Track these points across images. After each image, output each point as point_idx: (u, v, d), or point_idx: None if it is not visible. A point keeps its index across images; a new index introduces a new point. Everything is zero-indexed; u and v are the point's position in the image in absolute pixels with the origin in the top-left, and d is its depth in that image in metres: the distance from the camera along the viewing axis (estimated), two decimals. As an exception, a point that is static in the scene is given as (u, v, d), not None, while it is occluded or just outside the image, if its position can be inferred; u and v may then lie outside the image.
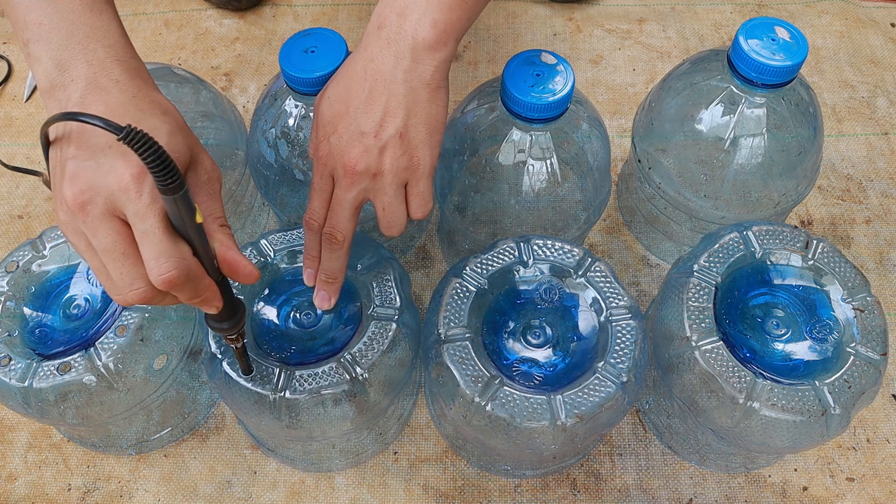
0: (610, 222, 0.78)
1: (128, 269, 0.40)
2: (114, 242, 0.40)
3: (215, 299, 0.44)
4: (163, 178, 0.36)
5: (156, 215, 0.39)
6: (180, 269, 0.40)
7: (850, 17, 0.92)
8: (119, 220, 0.40)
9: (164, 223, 0.40)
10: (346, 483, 0.64)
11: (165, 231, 0.40)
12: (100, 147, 0.40)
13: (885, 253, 0.75)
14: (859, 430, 0.66)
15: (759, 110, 0.60)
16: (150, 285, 0.41)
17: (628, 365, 0.52)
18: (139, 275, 0.41)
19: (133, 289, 0.41)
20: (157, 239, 0.39)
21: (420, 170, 0.50)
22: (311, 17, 0.94)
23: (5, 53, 0.91)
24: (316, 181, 0.51)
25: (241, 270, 0.44)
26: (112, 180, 0.39)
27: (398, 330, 0.54)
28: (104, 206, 0.40)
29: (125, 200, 0.39)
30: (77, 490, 0.64)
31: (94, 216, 0.40)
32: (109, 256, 0.40)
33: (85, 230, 0.41)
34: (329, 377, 0.52)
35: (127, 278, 0.41)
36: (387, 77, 0.47)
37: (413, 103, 0.48)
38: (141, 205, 0.39)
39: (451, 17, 0.47)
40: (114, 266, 0.41)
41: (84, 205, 0.40)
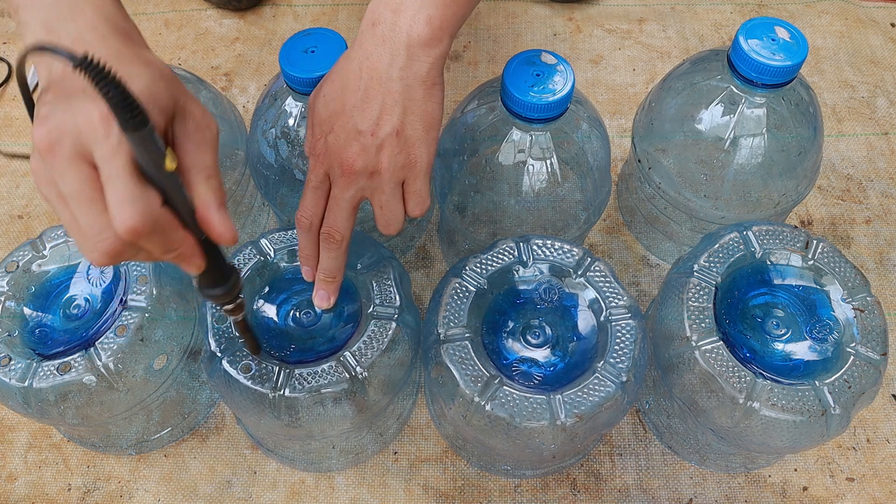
0: (610, 222, 0.78)
1: (95, 216, 0.37)
2: (80, 187, 0.37)
3: (195, 256, 0.41)
4: (122, 111, 0.34)
5: (122, 157, 0.36)
6: (144, 215, 0.37)
7: (850, 17, 0.92)
8: (87, 164, 0.37)
9: (130, 166, 0.37)
10: (346, 483, 0.64)
11: (131, 175, 0.37)
12: (74, 91, 0.38)
13: (885, 253, 0.75)
14: (859, 430, 0.66)
15: (759, 110, 0.60)
16: (117, 236, 0.38)
17: (628, 365, 0.52)
18: (107, 224, 0.37)
19: (101, 239, 0.38)
20: (122, 183, 0.36)
21: (417, 167, 0.50)
22: (311, 17, 0.94)
23: (6, 55, 0.91)
24: (311, 179, 0.51)
25: (213, 228, 0.40)
26: (81, 120, 0.37)
27: (398, 329, 0.54)
28: (72, 148, 0.37)
29: (92, 141, 0.37)
30: (77, 490, 0.64)
31: (61, 158, 0.37)
32: (77, 202, 0.37)
33: (54, 174, 0.38)
34: (329, 376, 0.52)
35: (95, 227, 0.37)
36: (382, 75, 0.47)
37: (409, 101, 0.48)
38: (107, 146, 0.36)
39: (445, 13, 0.47)
40: (81, 214, 0.38)
41: (52, 146, 0.37)
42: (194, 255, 0.41)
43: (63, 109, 0.38)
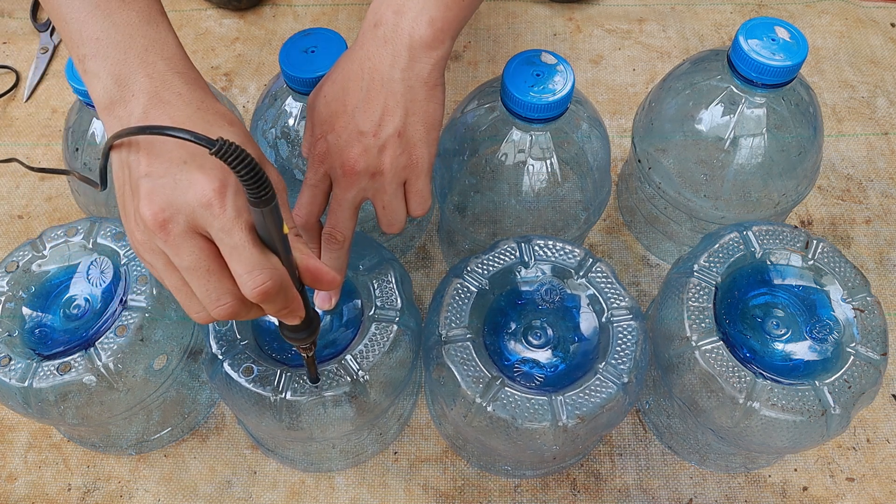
0: (610, 222, 0.78)
1: (213, 285, 0.40)
2: (198, 259, 0.39)
3: (300, 310, 0.43)
4: (256, 190, 0.35)
5: (243, 229, 0.38)
6: (275, 280, 0.39)
7: (850, 17, 0.92)
8: (201, 237, 0.39)
9: (252, 236, 0.39)
10: (346, 483, 0.64)
11: (255, 244, 0.39)
12: (174, 162, 0.39)
13: (885, 253, 0.75)
14: (859, 430, 0.66)
15: (759, 110, 0.60)
16: (237, 299, 0.40)
17: (629, 366, 0.52)
18: (226, 290, 0.40)
19: (220, 304, 0.40)
20: (249, 252, 0.38)
21: (419, 167, 0.50)
22: (311, 17, 0.94)
23: (13, 64, 0.90)
24: (310, 178, 0.51)
25: (324, 278, 0.43)
26: (192, 197, 0.38)
27: (399, 331, 0.54)
28: (186, 224, 0.39)
29: (209, 216, 0.38)
30: (77, 490, 0.64)
31: (175, 234, 0.39)
32: (193, 274, 0.40)
33: (166, 249, 0.39)
34: (330, 378, 0.52)
35: (213, 294, 0.40)
36: (384, 76, 0.47)
37: (411, 102, 0.48)
38: (226, 219, 0.38)
39: (447, 14, 0.47)
40: (199, 283, 0.40)
41: (164, 223, 0.38)
42: (300, 307, 0.43)
43: (169, 186, 0.39)
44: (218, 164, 0.39)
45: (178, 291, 0.42)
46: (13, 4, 0.95)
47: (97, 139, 0.60)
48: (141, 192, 0.39)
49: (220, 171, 0.39)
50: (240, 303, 0.40)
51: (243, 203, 0.39)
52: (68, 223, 0.59)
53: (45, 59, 0.89)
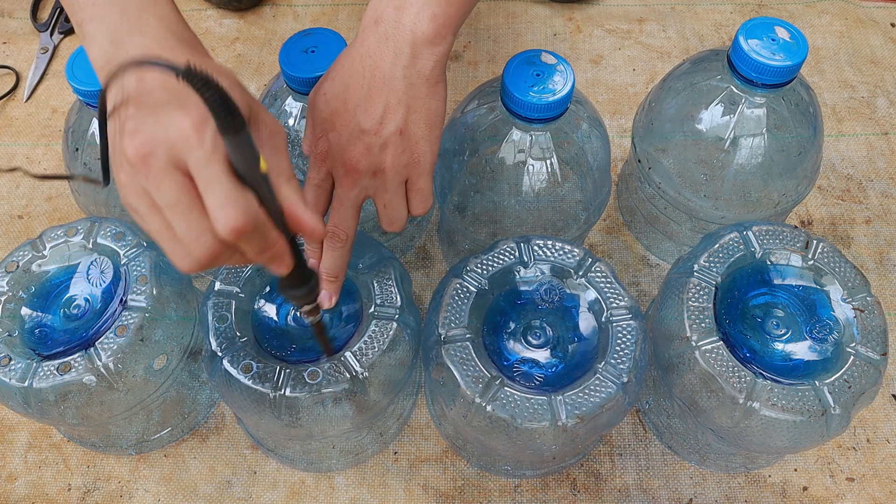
0: (610, 222, 0.78)
1: (194, 222, 0.38)
2: (178, 195, 0.38)
3: (285, 256, 0.42)
4: (223, 115, 0.35)
5: (219, 162, 0.38)
6: (247, 215, 0.38)
7: (850, 17, 0.92)
8: (182, 173, 0.38)
9: (228, 170, 0.38)
10: (346, 483, 0.64)
11: (230, 178, 0.38)
12: (158, 103, 0.39)
13: (885, 253, 0.75)
14: (859, 430, 0.66)
15: (759, 110, 0.60)
16: (216, 239, 0.39)
17: (629, 366, 0.52)
18: (206, 228, 0.38)
19: (200, 243, 0.39)
20: (223, 186, 0.38)
21: (421, 165, 0.50)
22: (311, 17, 0.94)
23: (13, 64, 0.90)
24: (312, 177, 0.51)
25: (305, 225, 0.42)
26: (172, 131, 0.38)
27: (399, 329, 0.54)
28: (166, 158, 0.38)
29: (187, 149, 0.38)
30: (77, 490, 0.64)
31: (156, 169, 0.38)
32: (174, 210, 0.38)
33: (147, 186, 0.39)
34: (329, 376, 0.52)
35: (194, 232, 0.39)
36: (386, 73, 0.47)
37: (413, 99, 0.48)
38: (203, 152, 0.37)
39: (449, 10, 0.47)
40: (179, 221, 0.39)
41: (146, 157, 0.38)
42: (285, 254, 0.41)
43: (151, 122, 0.38)
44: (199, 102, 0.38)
45: (161, 236, 0.40)
46: (13, 4, 0.95)
47: (97, 139, 0.60)
48: (125, 132, 0.39)
49: (201, 108, 0.38)
50: (218, 242, 0.39)
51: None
52: (68, 223, 0.59)
53: (45, 59, 0.89)
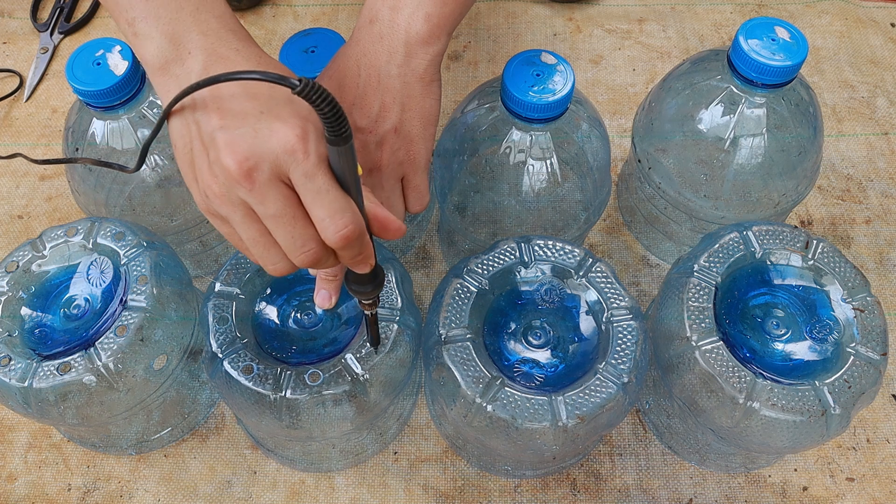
0: (610, 222, 0.78)
1: (299, 231, 0.40)
2: (284, 206, 0.39)
3: (372, 256, 0.43)
4: (336, 126, 0.35)
5: (325, 173, 0.39)
6: (356, 223, 0.39)
7: (850, 17, 0.92)
8: (285, 185, 0.39)
9: (333, 180, 0.39)
10: (346, 483, 0.64)
11: (337, 188, 0.39)
12: (250, 114, 0.39)
13: (885, 253, 0.75)
14: (859, 430, 0.66)
15: (759, 110, 0.60)
16: (320, 245, 0.40)
17: (629, 366, 0.52)
18: (310, 236, 0.40)
19: (304, 250, 0.40)
20: (332, 196, 0.39)
21: (416, 163, 0.50)
22: (311, 17, 0.94)
23: (13, 64, 0.90)
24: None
25: (391, 226, 0.43)
26: (275, 144, 0.38)
27: (399, 330, 0.54)
28: (270, 172, 0.38)
29: (292, 162, 0.38)
30: (77, 490, 0.64)
31: (260, 182, 0.38)
32: (279, 221, 0.39)
33: (250, 198, 0.39)
34: (330, 377, 0.52)
35: (299, 241, 0.40)
36: (381, 72, 0.47)
37: (407, 98, 0.48)
38: (310, 164, 0.38)
39: (443, 10, 0.47)
40: (284, 231, 0.40)
41: (250, 172, 0.38)
42: (372, 255, 0.43)
43: (250, 135, 0.38)
44: (295, 113, 0.39)
45: (256, 243, 0.41)
46: (13, 4, 0.95)
47: (97, 139, 0.60)
48: (219, 144, 0.39)
49: (299, 120, 0.39)
50: (321, 249, 0.40)
51: (324, 150, 0.39)
52: (68, 223, 0.59)
53: (45, 59, 0.89)
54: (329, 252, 0.41)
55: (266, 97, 0.39)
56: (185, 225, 0.66)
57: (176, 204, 0.64)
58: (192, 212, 0.66)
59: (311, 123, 0.39)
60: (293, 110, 0.39)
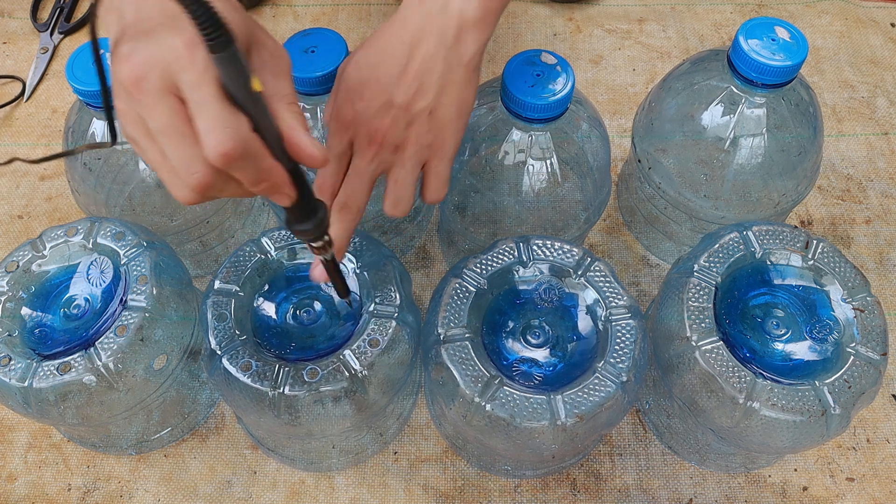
0: (610, 222, 0.78)
1: (186, 149, 0.37)
2: (169, 120, 0.37)
3: (285, 185, 0.39)
4: (208, 30, 0.33)
5: (210, 83, 0.36)
6: (236, 139, 0.36)
7: (850, 17, 0.92)
8: (175, 98, 0.37)
9: (219, 92, 0.36)
10: (346, 483, 0.64)
11: (221, 100, 0.36)
12: (152, 28, 0.38)
13: (885, 253, 0.75)
14: (859, 430, 0.66)
15: (759, 110, 0.60)
16: (209, 167, 0.37)
17: (628, 364, 0.52)
18: (197, 155, 0.37)
19: (191, 172, 0.37)
20: (212, 108, 0.36)
21: (443, 150, 0.49)
22: (311, 17, 0.94)
23: (13, 64, 0.90)
24: (334, 146, 0.49)
25: (303, 150, 0.39)
26: (164, 51, 0.37)
27: (398, 328, 0.54)
28: (159, 81, 0.37)
29: (179, 70, 0.36)
30: (77, 490, 0.64)
31: (149, 93, 0.37)
32: (166, 137, 0.37)
33: (142, 112, 0.38)
34: (328, 374, 0.52)
35: (185, 160, 0.37)
36: (427, 52, 0.46)
37: (448, 82, 0.47)
38: (194, 73, 0.36)
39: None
40: (172, 148, 0.37)
41: (139, 81, 0.37)
42: (285, 183, 0.40)
43: (144, 45, 0.37)
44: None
45: (159, 166, 0.39)
46: (13, 4, 0.95)
47: (97, 139, 0.60)
48: (120, 56, 0.38)
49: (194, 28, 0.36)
50: (211, 171, 0.37)
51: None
52: (68, 223, 0.59)
53: (45, 59, 0.89)
54: (224, 176, 0.38)
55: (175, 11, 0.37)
56: (185, 225, 0.67)
57: (176, 204, 0.64)
58: (192, 212, 0.66)
59: None
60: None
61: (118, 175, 0.62)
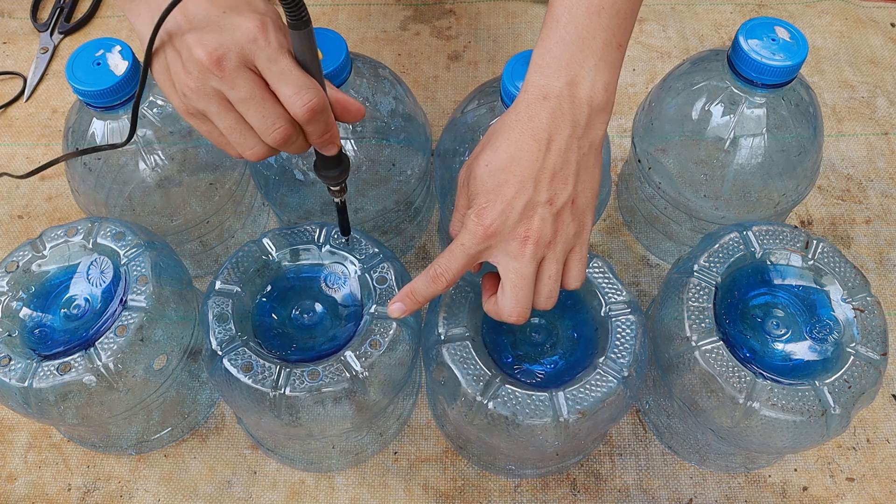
0: (610, 222, 0.78)
1: (269, 110, 0.44)
2: (253, 89, 0.43)
3: (337, 137, 0.47)
4: (296, 11, 0.41)
5: (286, 56, 0.43)
6: (320, 97, 0.44)
7: (850, 17, 0.92)
8: (252, 70, 0.44)
9: (296, 62, 0.44)
10: (346, 483, 0.64)
11: (299, 68, 0.44)
12: (213, 15, 0.44)
13: (885, 253, 0.75)
14: (859, 430, 0.66)
15: (759, 110, 0.60)
16: (289, 122, 0.44)
17: (629, 360, 0.52)
18: (279, 114, 0.44)
19: (275, 128, 0.44)
20: (295, 75, 0.43)
21: (584, 235, 0.49)
22: (311, 17, 0.93)
23: (13, 64, 0.91)
24: (469, 245, 0.48)
25: (351, 107, 0.47)
26: (239, 35, 0.43)
27: (398, 329, 0.54)
28: (238, 59, 0.43)
29: (256, 49, 0.43)
30: (77, 490, 0.64)
31: (230, 69, 0.43)
32: (250, 104, 0.44)
33: (221, 86, 0.44)
34: (329, 375, 0.52)
35: (269, 119, 0.44)
36: (562, 145, 0.47)
37: (584, 169, 0.48)
38: (272, 50, 0.43)
39: (614, 76, 0.49)
40: (255, 111, 0.44)
41: (219, 60, 0.43)
42: (338, 135, 0.47)
43: (216, 31, 0.43)
44: (253, 9, 0.44)
45: (232, 131, 0.45)
46: (13, 4, 0.95)
47: (97, 139, 0.60)
48: (190, 43, 0.43)
49: (258, 14, 0.44)
50: (291, 126, 0.45)
51: (283, 37, 0.44)
52: (68, 223, 0.59)
53: (45, 59, 0.89)
54: (298, 130, 0.45)
55: (226, 2, 0.44)
56: (185, 225, 0.66)
57: (176, 204, 0.64)
58: (191, 212, 0.66)
59: (268, 17, 0.44)
60: (251, 8, 0.44)
61: (118, 175, 0.62)
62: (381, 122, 0.62)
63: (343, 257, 0.57)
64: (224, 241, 0.72)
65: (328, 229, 0.58)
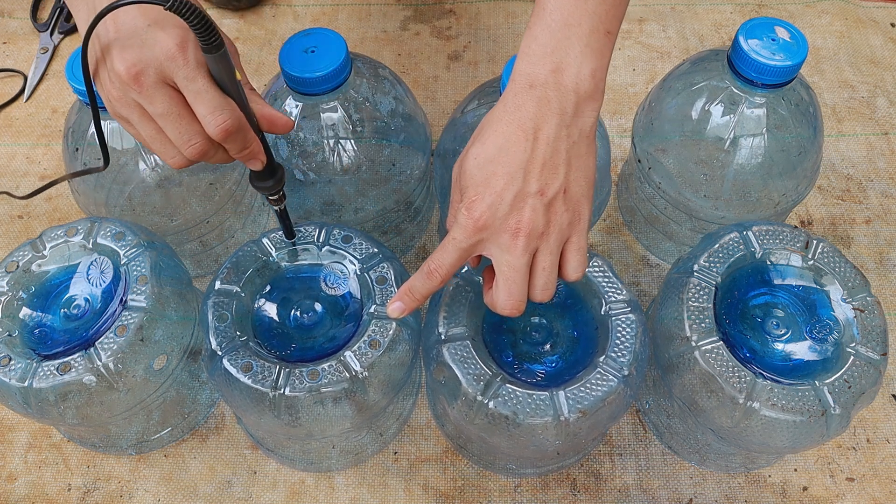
0: (610, 222, 0.78)
1: (185, 126, 0.46)
2: (169, 105, 0.45)
3: (260, 153, 0.49)
4: (207, 37, 0.42)
5: (204, 76, 0.45)
6: (234, 118, 0.45)
7: (850, 17, 0.92)
8: (170, 87, 0.45)
9: (212, 82, 0.45)
10: (346, 483, 0.64)
11: (215, 88, 0.45)
12: (139, 29, 0.45)
13: (885, 253, 0.75)
14: (859, 430, 0.66)
15: (759, 110, 0.60)
16: (205, 139, 0.46)
17: (629, 358, 0.52)
18: (196, 131, 0.46)
19: (191, 144, 0.46)
20: (210, 95, 0.45)
21: (580, 225, 0.48)
22: (311, 17, 0.94)
23: (13, 63, 0.91)
24: (460, 239, 0.48)
25: (278, 122, 0.50)
26: (158, 51, 0.44)
27: (398, 329, 0.54)
28: (156, 75, 0.44)
29: (174, 67, 0.44)
30: (77, 490, 0.64)
31: (147, 85, 0.44)
32: (167, 119, 0.45)
33: (140, 100, 0.45)
34: (329, 375, 0.52)
35: (185, 135, 0.46)
36: (550, 134, 0.47)
37: (575, 157, 0.47)
38: (189, 68, 0.44)
39: (602, 63, 0.48)
40: (172, 127, 0.46)
41: (137, 75, 0.44)
42: (260, 151, 0.49)
43: (137, 45, 0.44)
44: (177, 24, 0.45)
45: (154, 140, 0.47)
46: (13, 4, 0.95)
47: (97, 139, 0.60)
48: (113, 53, 0.45)
49: (179, 31, 0.45)
50: (207, 142, 0.46)
51: (202, 57, 0.45)
52: (68, 223, 0.59)
53: (45, 59, 0.89)
54: (216, 146, 0.47)
55: (156, 13, 0.45)
56: (185, 225, 0.67)
57: (176, 204, 0.64)
58: (192, 212, 0.66)
59: (191, 34, 0.44)
60: (177, 23, 0.45)
61: (118, 175, 0.63)
62: (381, 122, 0.63)
63: (342, 257, 0.57)
64: (224, 241, 0.72)
65: (328, 229, 0.58)
